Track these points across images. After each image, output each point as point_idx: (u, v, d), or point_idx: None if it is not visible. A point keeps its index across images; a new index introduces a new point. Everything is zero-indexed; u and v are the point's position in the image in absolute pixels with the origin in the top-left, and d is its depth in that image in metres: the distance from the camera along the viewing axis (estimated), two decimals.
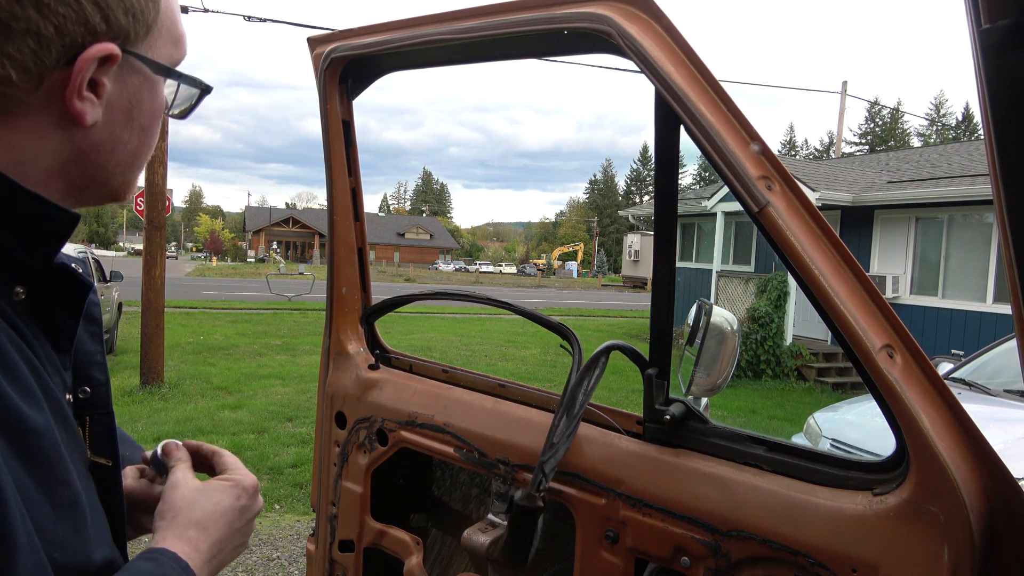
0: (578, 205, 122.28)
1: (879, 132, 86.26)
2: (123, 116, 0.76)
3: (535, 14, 1.41)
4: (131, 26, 0.73)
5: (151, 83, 0.78)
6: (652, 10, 1.30)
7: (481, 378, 1.87)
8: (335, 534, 2.00)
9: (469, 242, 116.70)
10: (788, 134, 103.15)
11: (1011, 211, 0.77)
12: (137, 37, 0.75)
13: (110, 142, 0.76)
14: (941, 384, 1.15)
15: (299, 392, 9.11)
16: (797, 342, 13.02)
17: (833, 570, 1.18)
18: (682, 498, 1.37)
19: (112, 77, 0.73)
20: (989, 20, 0.70)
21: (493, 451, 1.68)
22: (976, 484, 1.09)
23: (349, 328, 2.01)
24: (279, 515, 5.17)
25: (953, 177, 13.13)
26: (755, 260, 15.71)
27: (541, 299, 32.64)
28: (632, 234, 46.84)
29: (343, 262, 1.97)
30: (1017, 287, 0.84)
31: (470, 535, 1.52)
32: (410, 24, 1.64)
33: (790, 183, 1.22)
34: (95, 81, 0.72)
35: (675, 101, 1.25)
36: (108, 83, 0.73)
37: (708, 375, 1.47)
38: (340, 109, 1.85)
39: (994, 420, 4.74)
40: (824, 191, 12.94)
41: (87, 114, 0.72)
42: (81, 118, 0.71)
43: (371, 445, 1.92)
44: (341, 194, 1.92)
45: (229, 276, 38.95)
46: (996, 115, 0.74)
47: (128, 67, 0.75)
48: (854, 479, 1.22)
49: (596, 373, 1.49)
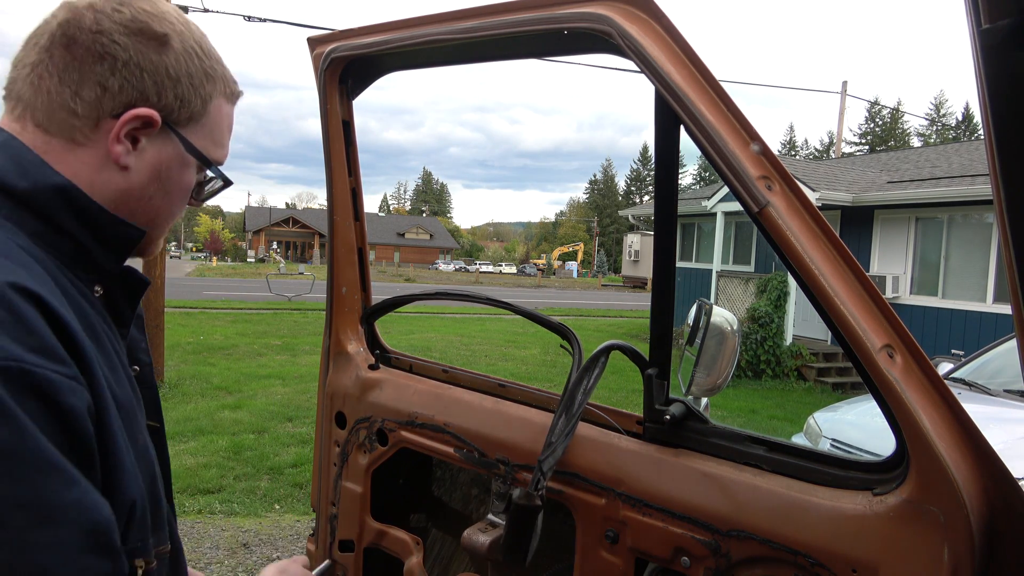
0: (578, 205, 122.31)
1: (879, 132, 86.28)
2: (152, 172, 0.96)
3: (535, 14, 1.41)
4: (177, 108, 0.95)
5: (182, 159, 0.98)
6: (652, 10, 1.30)
7: (481, 378, 1.87)
8: (335, 534, 2.00)
9: (469, 242, 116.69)
10: (788, 134, 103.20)
11: (1011, 211, 0.77)
12: (180, 119, 0.96)
13: (138, 191, 0.95)
14: (941, 384, 1.15)
15: (299, 392, 9.11)
16: (797, 342, 13.02)
17: (833, 570, 1.18)
18: (682, 498, 1.37)
19: (150, 138, 0.94)
20: (989, 20, 0.70)
21: (493, 451, 1.68)
22: (976, 484, 1.09)
23: (349, 328, 2.01)
24: (279, 515, 5.17)
25: (953, 177, 13.13)
26: (755, 260, 15.71)
27: (541, 299, 32.65)
28: (632, 234, 46.84)
29: (343, 262, 1.97)
30: (1017, 287, 0.84)
31: (470, 535, 1.52)
32: (410, 24, 1.64)
33: (790, 183, 1.22)
34: (135, 137, 0.93)
35: (675, 101, 1.25)
36: (144, 140, 0.93)
37: (708, 375, 1.47)
38: (340, 109, 1.85)
39: (994, 420, 4.74)
40: (824, 191, 12.94)
41: (122, 157, 0.92)
42: (117, 157, 0.92)
43: (371, 445, 1.92)
44: (341, 194, 1.92)
45: (229, 276, 38.93)
46: (996, 115, 0.74)
47: (166, 136, 0.96)
48: (854, 479, 1.22)
49: (596, 373, 1.49)
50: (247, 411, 8.00)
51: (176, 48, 0.95)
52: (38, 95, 0.91)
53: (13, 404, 0.71)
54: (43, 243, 0.88)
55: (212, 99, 1.00)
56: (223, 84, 1.02)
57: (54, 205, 0.89)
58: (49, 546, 0.71)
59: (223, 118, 1.03)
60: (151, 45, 0.93)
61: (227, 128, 1.05)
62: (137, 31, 0.92)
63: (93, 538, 0.75)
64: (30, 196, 0.88)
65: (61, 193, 0.89)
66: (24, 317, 0.77)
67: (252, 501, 5.36)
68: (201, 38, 1.00)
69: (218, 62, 1.02)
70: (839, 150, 28.91)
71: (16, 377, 0.73)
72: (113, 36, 0.91)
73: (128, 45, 0.92)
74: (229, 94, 1.04)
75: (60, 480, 0.73)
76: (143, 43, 0.93)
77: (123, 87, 0.91)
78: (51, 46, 0.91)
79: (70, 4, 0.93)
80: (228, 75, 1.04)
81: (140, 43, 0.92)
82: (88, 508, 0.74)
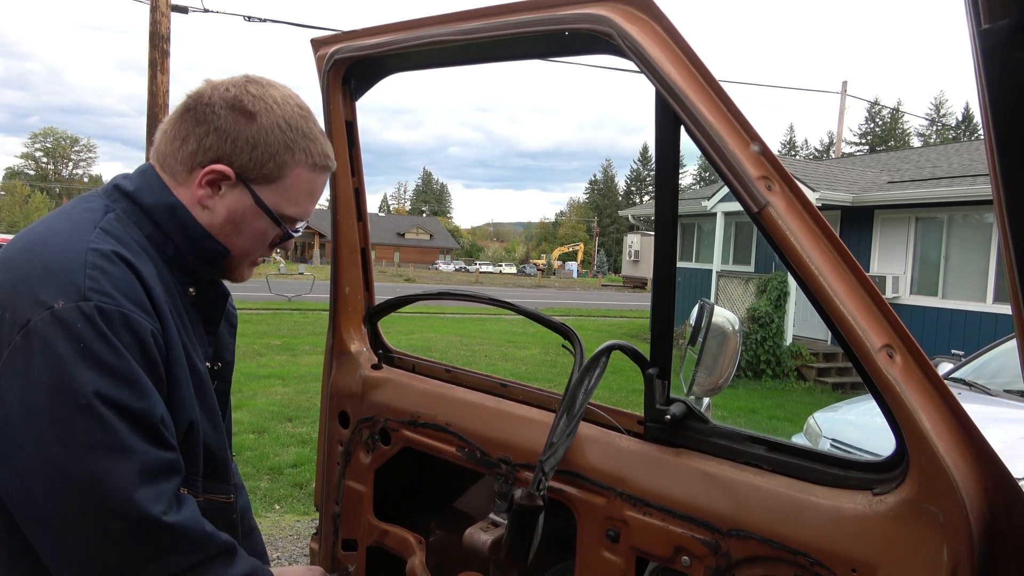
0: (578, 205, 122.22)
1: (879, 132, 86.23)
2: (228, 215, 1.25)
3: (537, 15, 1.42)
4: (250, 169, 1.22)
5: (255, 210, 1.25)
6: (652, 11, 1.30)
7: (484, 378, 1.87)
8: (338, 533, 2.01)
9: (469, 242, 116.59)
10: (788, 134, 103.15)
11: (1011, 211, 0.77)
12: (255, 178, 1.23)
13: (218, 226, 1.25)
14: (941, 384, 1.15)
15: (299, 392, 9.11)
16: (797, 342, 13.02)
17: (833, 570, 1.18)
18: (683, 497, 1.37)
19: (229, 188, 1.23)
20: (989, 20, 0.71)
21: (495, 450, 1.68)
22: (976, 484, 1.09)
23: (352, 328, 2.02)
24: (279, 515, 5.17)
25: (953, 177, 13.12)
26: (755, 260, 15.71)
27: (541, 299, 32.64)
28: (632, 234, 46.82)
29: (346, 262, 1.97)
30: (1017, 287, 0.84)
31: (472, 534, 1.53)
32: (413, 25, 1.65)
33: (790, 183, 1.23)
34: (218, 184, 1.23)
35: (675, 101, 1.26)
36: (224, 189, 1.23)
37: (709, 375, 1.48)
38: (343, 110, 1.86)
39: (994, 420, 4.74)
40: (824, 191, 12.94)
41: (204, 198, 1.23)
42: (200, 198, 1.23)
43: (374, 444, 1.93)
44: (344, 195, 1.93)
45: None
46: (996, 115, 0.74)
47: (241, 189, 1.24)
48: (854, 479, 1.23)
49: (597, 373, 1.49)
50: (247, 411, 8.00)
51: (261, 123, 1.21)
52: (162, 142, 1.25)
53: (113, 335, 1.05)
54: (153, 243, 1.21)
55: (289, 166, 1.24)
56: (305, 156, 1.25)
57: (165, 216, 1.22)
58: (127, 432, 1.04)
59: (302, 183, 1.27)
60: (241, 119, 1.20)
61: (306, 191, 1.29)
62: (233, 106, 1.21)
63: (158, 435, 1.09)
64: (151, 208, 1.22)
65: (171, 209, 1.22)
66: (125, 275, 1.10)
67: (252, 501, 5.34)
68: (292, 118, 1.24)
69: (304, 137, 1.25)
70: (839, 150, 28.92)
71: (118, 317, 1.06)
72: (215, 108, 1.21)
73: (224, 116, 1.20)
74: (312, 164, 1.27)
75: (140, 389, 1.07)
76: (235, 116, 1.20)
77: (212, 146, 1.21)
78: (181, 108, 1.24)
79: (207, 81, 1.26)
80: (314, 149, 1.26)
81: (232, 115, 1.20)
82: (153, 411, 1.08)
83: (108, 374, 1.03)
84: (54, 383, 1.01)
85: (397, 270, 58.17)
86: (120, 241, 1.14)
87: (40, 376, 1.01)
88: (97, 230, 1.14)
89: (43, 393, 1.01)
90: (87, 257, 1.08)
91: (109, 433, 1.02)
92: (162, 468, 1.08)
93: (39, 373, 1.01)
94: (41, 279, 1.06)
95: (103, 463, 1.02)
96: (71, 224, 1.15)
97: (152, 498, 1.05)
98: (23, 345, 1.02)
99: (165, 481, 1.08)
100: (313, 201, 1.32)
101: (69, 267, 1.06)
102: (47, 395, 1.01)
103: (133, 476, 1.03)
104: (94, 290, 1.05)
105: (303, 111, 1.27)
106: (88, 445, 1.01)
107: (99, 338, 1.03)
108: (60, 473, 1.01)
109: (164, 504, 1.07)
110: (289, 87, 1.30)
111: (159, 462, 1.07)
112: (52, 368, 1.01)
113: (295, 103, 1.26)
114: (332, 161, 1.32)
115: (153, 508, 1.04)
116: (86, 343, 1.02)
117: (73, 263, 1.07)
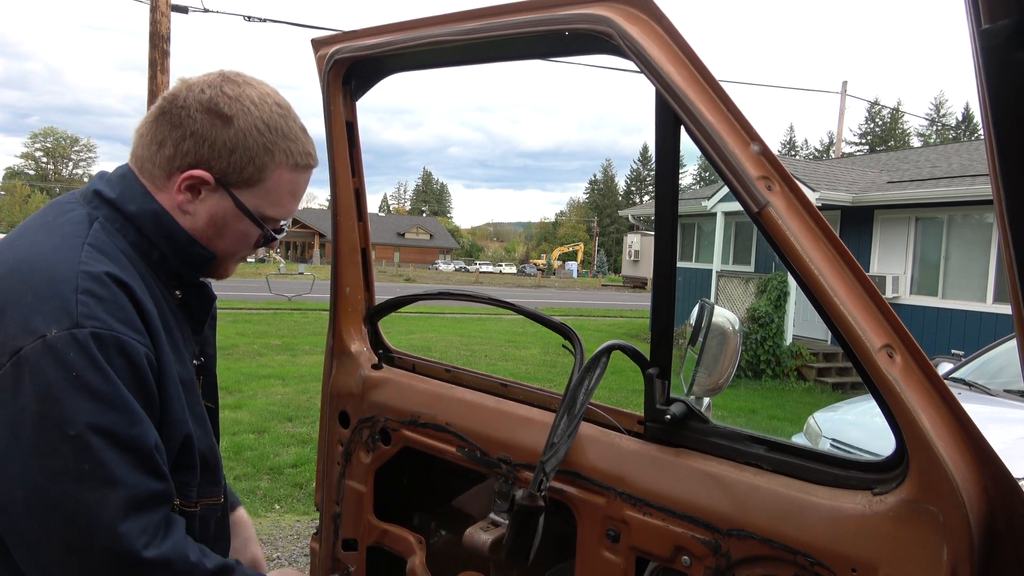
0: (578, 205, 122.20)
1: (879, 132, 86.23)
2: (209, 219, 1.23)
3: (537, 15, 1.42)
4: (230, 173, 1.19)
5: (236, 213, 1.23)
6: (652, 11, 1.30)
7: (484, 378, 1.87)
8: (338, 533, 2.01)
9: (469, 242, 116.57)
10: (788, 134, 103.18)
11: (1011, 211, 0.77)
12: (235, 182, 1.20)
13: (200, 230, 1.23)
14: (941, 384, 1.15)
15: (299, 392, 9.11)
16: (797, 342, 13.02)
17: (833, 569, 1.18)
18: (683, 497, 1.37)
19: (207, 192, 1.21)
20: (989, 20, 0.71)
21: (495, 450, 1.68)
22: (976, 484, 1.09)
23: (353, 328, 2.02)
24: (279, 515, 5.17)
25: (953, 177, 13.12)
26: (755, 260, 15.71)
27: (541, 299, 32.64)
28: (632, 234, 46.82)
29: (347, 262, 1.98)
30: (1017, 287, 0.85)
31: (472, 534, 1.53)
32: (413, 26, 1.65)
33: (790, 183, 1.23)
34: (198, 189, 1.20)
35: (675, 101, 1.26)
36: (204, 193, 1.21)
37: (710, 375, 1.48)
38: (344, 110, 1.86)
39: (994, 420, 4.75)
40: (824, 191, 12.94)
41: (184, 203, 1.21)
42: (181, 204, 1.21)
43: (374, 444, 1.93)
44: (345, 195, 1.93)
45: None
46: (996, 115, 0.74)
47: (221, 193, 1.21)
48: (854, 479, 1.23)
49: (597, 373, 1.49)
50: (247, 411, 8.00)
51: (239, 126, 1.18)
52: (139, 146, 1.22)
53: (104, 360, 1.02)
54: (137, 250, 1.19)
55: (270, 168, 1.21)
56: (285, 156, 1.22)
57: (149, 224, 1.20)
58: (117, 462, 1.02)
59: (283, 184, 1.24)
60: (217, 123, 1.17)
61: (288, 192, 1.26)
62: (208, 110, 1.17)
63: (149, 463, 1.06)
64: (135, 216, 1.19)
65: (155, 216, 1.20)
66: (117, 298, 1.08)
67: (252, 501, 5.36)
68: (270, 118, 1.20)
69: (284, 138, 1.22)
70: (839, 150, 28.92)
71: (109, 341, 1.04)
72: (190, 112, 1.17)
73: (199, 120, 1.17)
74: (293, 165, 1.24)
75: (131, 416, 1.04)
76: (211, 119, 1.17)
77: (189, 151, 1.18)
78: (156, 111, 1.20)
79: (182, 80, 1.22)
80: (295, 148, 1.23)
81: (208, 119, 1.17)
82: (145, 439, 1.06)
83: (99, 401, 1.01)
84: (43, 412, 0.99)
85: (397, 270, 58.18)
86: (109, 257, 1.11)
87: (29, 405, 0.99)
88: (86, 247, 1.10)
89: (32, 422, 0.99)
90: (78, 282, 1.05)
91: (98, 465, 1.00)
92: (150, 498, 1.06)
93: (28, 402, 0.99)
94: (32, 306, 1.03)
95: (90, 495, 1.00)
96: (59, 240, 1.12)
97: (137, 532, 1.03)
98: (13, 374, 1.00)
99: (152, 512, 1.06)
100: (296, 201, 1.29)
101: (60, 292, 1.04)
102: (36, 424, 0.99)
103: (119, 509, 1.02)
104: (87, 316, 1.03)
105: (282, 109, 1.24)
106: (76, 477, 1.00)
107: (91, 366, 1.01)
108: (46, 504, 1.00)
109: (149, 536, 1.05)
110: (267, 83, 1.26)
111: (147, 493, 1.05)
112: (42, 397, 0.99)
113: (273, 101, 1.23)
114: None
115: (136, 542, 1.03)
116: (78, 372, 1.00)
117: (64, 288, 1.04)
